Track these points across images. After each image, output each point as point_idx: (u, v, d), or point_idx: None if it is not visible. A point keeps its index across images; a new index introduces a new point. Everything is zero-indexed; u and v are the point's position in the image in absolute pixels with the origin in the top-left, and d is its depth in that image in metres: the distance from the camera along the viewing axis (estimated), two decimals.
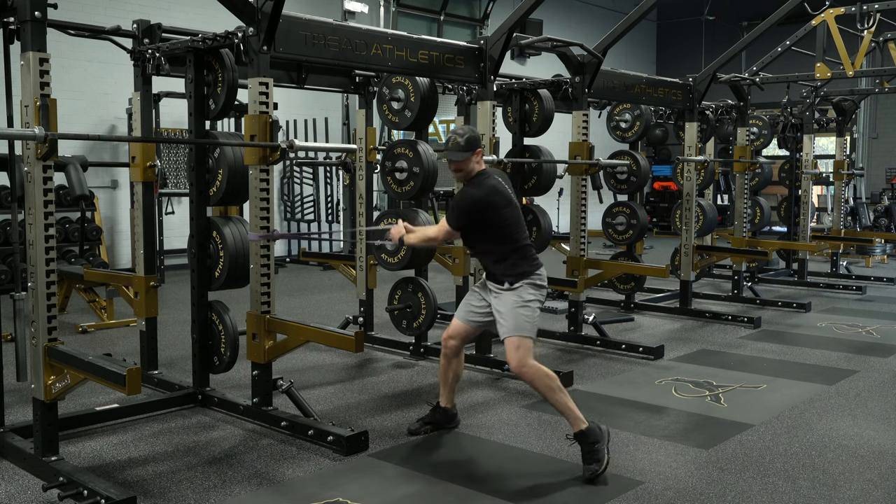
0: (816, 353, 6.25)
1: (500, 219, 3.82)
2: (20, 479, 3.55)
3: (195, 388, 4.70)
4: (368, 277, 6.26)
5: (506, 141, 6.54)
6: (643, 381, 5.38)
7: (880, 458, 3.94)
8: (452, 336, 4.08)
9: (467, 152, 3.83)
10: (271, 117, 4.10)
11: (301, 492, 3.47)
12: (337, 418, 4.37)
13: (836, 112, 10.52)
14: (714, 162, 8.99)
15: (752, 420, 4.50)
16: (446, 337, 4.10)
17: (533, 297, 3.82)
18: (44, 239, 3.40)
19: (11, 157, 3.85)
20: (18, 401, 4.59)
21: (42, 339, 3.45)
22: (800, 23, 9.33)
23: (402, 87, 5.52)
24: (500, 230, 3.84)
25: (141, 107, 4.90)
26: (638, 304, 7.99)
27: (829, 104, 10.53)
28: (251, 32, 4.05)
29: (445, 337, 4.10)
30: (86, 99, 9.75)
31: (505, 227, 3.84)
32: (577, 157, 6.24)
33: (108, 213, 10.14)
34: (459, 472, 3.75)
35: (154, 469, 3.71)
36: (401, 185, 5.43)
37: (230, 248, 4.46)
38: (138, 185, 5.06)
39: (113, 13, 9.58)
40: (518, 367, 3.72)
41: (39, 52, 3.31)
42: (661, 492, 3.49)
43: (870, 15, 8.53)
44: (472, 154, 3.85)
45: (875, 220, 14.09)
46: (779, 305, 8.27)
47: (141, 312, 5.06)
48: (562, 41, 5.90)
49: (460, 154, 3.83)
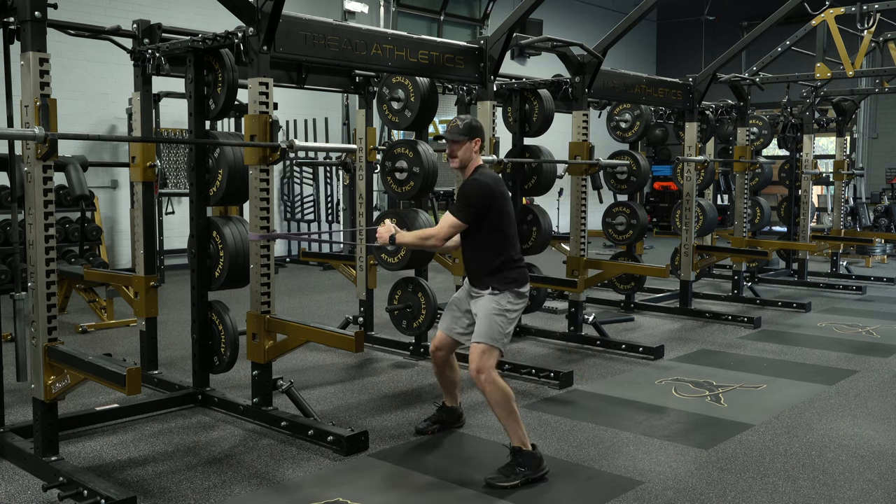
0: (816, 353, 6.25)
1: (503, 213, 3.75)
2: (20, 479, 3.55)
3: (195, 388, 4.70)
4: (368, 277, 6.26)
5: (506, 141, 6.53)
6: (643, 381, 5.38)
7: (880, 458, 3.94)
8: (440, 348, 4.02)
9: (465, 136, 3.76)
10: (271, 117, 4.10)
11: (301, 492, 3.47)
12: (337, 418, 4.37)
13: (836, 112, 10.52)
14: (714, 162, 8.99)
15: (752, 420, 4.50)
16: (434, 349, 4.04)
17: (512, 308, 3.72)
18: (44, 239, 3.40)
19: (11, 157, 3.85)
20: (18, 401, 4.59)
21: (42, 339, 3.45)
22: (800, 23, 9.33)
23: (402, 87, 5.52)
24: (500, 225, 3.75)
25: (141, 107, 4.90)
26: (638, 304, 7.99)
27: (829, 104, 10.53)
28: (251, 32, 4.05)
29: (433, 349, 4.05)
30: (86, 99, 9.75)
31: (504, 221, 3.76)
32: (577, 157, 6.24)
33: (108, 213, 10.14)
34: (460, 472, 3.75)
35: (154, 469, 3.71)
36: (401, 185, 5.43)
37: (230, 248, 4.46)
38: (138, 185, 5.06)
39: (113, 13, 9.58)
40: (476, 373, 3.59)
41: (39, 52, 3.31)
42: (661, 492, 3.49)
43: (870, 15, 8.53)
44: (470, 141, 3.78)
45: (875, 220, 14.09)
46: (779, 305, 8.27)
47: (141, 312, 5.06)
48: (562, 41, 5.90)
49: (458, 136, 3.76)
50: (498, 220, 3.74)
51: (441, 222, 3.77)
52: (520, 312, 3.81)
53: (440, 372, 4.13)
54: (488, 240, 3.75)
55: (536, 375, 5.28)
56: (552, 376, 5.21)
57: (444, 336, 4.00)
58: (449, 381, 4.16)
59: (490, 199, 3.70)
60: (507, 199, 3.81)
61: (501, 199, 3.75)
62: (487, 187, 3.70)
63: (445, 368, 4.10)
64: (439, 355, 4.04)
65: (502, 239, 3.76)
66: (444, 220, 3.75)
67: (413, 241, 3.94)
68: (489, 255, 3.75)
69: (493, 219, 3.73)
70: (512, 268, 3.76)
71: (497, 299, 3.71)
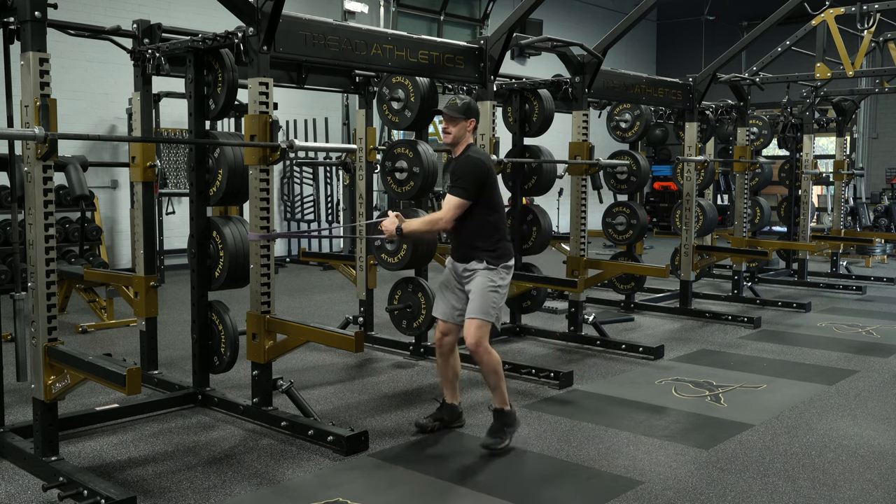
0: (816, 353, 6.25)
1: (495, 187, 4.00)
2: (20, 479, 3.55)
3: (195, 388, 4.70)
4: (368, 277, 6.26)
5: (506, 141, 6.54)
6: (643, 381, 5.38)
7: (880, 458, 3.94)
8: (446, 333, 4.13)
9: (462, 115, 3.97)
10: (271, 117, 4.10)
11: (301, 492, 3.47)
12: (337, 418, 4.37)
13: (836, 112, 10.52)
14: (714, 162, 8.99)
15: (752, 420, 4.50)
16: (440, 335, 4.13)
17: (503, 282, 3.98)
18: (44, 239, 3.40)
19: (11, 157, 3.85)
20: (18, 401, 4.59)
21: (42, 339, 3.45)
22: (800, 23, 9.33)
23: (402, 87, 5.52)
24: (493, 199, 3.98)
25: (141, 107, 4.90)
26: (638, 304, 7.99)
27: (829, 104, 10.53)
28: (251, 32, 4.05)
29: (439, 336, 4.14)
30: (86, 99, 9.75)
31: (496, 195, 4.00)
32: (577, 157, 6.24)
33: (108, 213, 10.14)
34: (459, 471, 3.75)
35: (154, 469, 3.71)
36: (401, 185, 5.43)
37: (230, 248, 4.46)
38: (138, 185, 5.06)
39: (113, 13, 9.58)
40: (475, 346, 3.90)
41: (39, 52, 3.31)
42: (661, 492, 3.49)
43: (870, 15, 8.53)
44: (466, 120, 3.99)
45: (875, 220, 14.09)
46: (779, 305, 8.27)
47: (141, 312, 5.06)
48: (562, 41, 5.90)
49: (456, 113, 3.97)
50: (496, 198, 4.00)
51: (445, 205, 3.91)
52: (508, 284, 4.05)
53: (444, 361, 4.18)
54: (489, 217, 3.97)
55: (536, 375, 5.28)
56: (552, 376, 5.21)
57: (446, 323, 4.13)
58: (452, 371, 4.21)
59: (486, 174, 3.93)
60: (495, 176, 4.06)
61: (493, 174, 4.00)
62: (482, 163, 3.94)
63: (450, 357, 4.18)
64: (447, 341, 4.13)
65: (500, 217, 4.01)
66: (447, 202, 3.91)
67: (420, 227, 4.04)
68: (489, 232, 3.97)
69: (492, 196, 3.97)
70: (504, 243, 4.02)
71: (490, 276, 3.94)
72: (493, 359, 3.96)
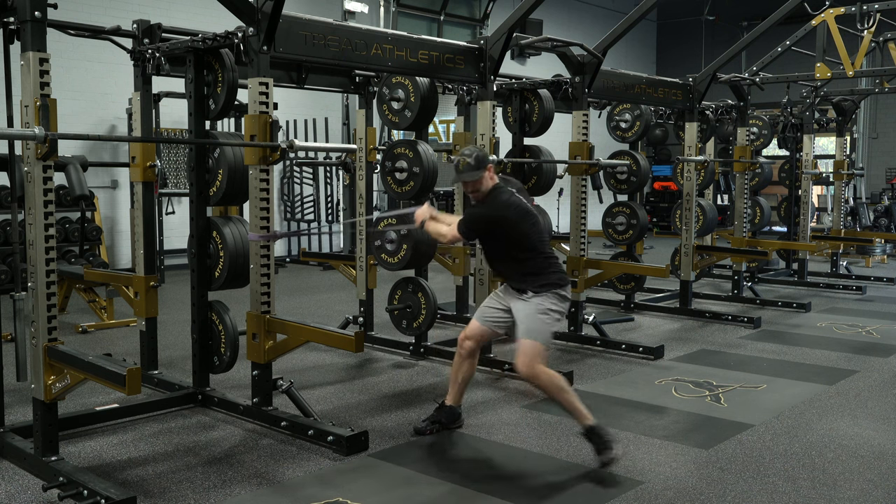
0: (816, 353, 6.25)
1: (516, 233, 3.93)
2: (20, 479, 3.55)
3: (195, 388, 4.70)
4: (368, 277, 6.26)
5: (506, 141, 6.55)
6: (643, 381, 5.38)
7: (880, 458, 3.94)
8: (469, 337, 4.11)
9: (480, 170, 3.94)
10: (271, 117, 4.10)
11: (301, 492, 3.47)
12: (337, 418, 4.37)
13: (836, 112, 10.51)
14: (714, 162, 8.99)
15: (752, 420, 4.50)
16: (463, 337, 4.13)
17: (555, 308, 3.92)
18: (44, 239, 3.40)
19: (11, 157, 3.85)
20: (18, 401, 4.59)
21: (42, 339, 3.45)
22: (800, 23, 9.32)
23: (402, 87, 5.52)
24: (517, 244, 3.94)
25: (141, 107, 4.90)
26: (638, 304, 7.99)
27: (829, 104, 10.52)
28: (251, 32, 4.05)
29: (462, 337, 4.14)
30: (86, 99, 9.75)
31: (522, 240, 3.94)
32: (577, 157, 6.24)
33: (108, 213, 10.14)
34: (460, 472, 3.76)
35: (154, 469, 3.71)
36: (401, 185, 5.43)
37: (230, 248, 4.46)
38: (138, 185, 5.06)
39: (113, 13, 9.58)
40: (527, 371, 3.81)
41: (39, 52, 3.31)
42: (661, 492, 3.49)
43: (870, 15, 8.52)
44: (484, 171, 3.96)
45: (875, 220, 14.09)
46: (779, 305, 8.27)
47: (141, 312, 5.06)
48: (562, 41, 5.90)
49: (474, 174, 3.94)
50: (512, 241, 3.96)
51: (453, 226, 4.03)
52: (562, 314, 4.00)
53: (460, 362, 4.16)
54: (511, 255, 4.00)
55: None
56: None
57: (476, 325, 4.12)
58: (465, 375, 4.18)
59: (491, 227, 3.97)
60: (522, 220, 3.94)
61: (507, 224, 3.94)
62: (487, 218, 3.97)
63: (468, 360, 4.15)
64: (468, 345, 4.12)
65: (524, 252, 3.96)
66: (453, 227, 4.02)
67: (433, 232, 4.19)
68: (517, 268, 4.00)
69: (505, 239, 3.96)
70: (546, 274, 3.95)
71: (538, 301, 3.90)
72: (551, 378, 3.80)
